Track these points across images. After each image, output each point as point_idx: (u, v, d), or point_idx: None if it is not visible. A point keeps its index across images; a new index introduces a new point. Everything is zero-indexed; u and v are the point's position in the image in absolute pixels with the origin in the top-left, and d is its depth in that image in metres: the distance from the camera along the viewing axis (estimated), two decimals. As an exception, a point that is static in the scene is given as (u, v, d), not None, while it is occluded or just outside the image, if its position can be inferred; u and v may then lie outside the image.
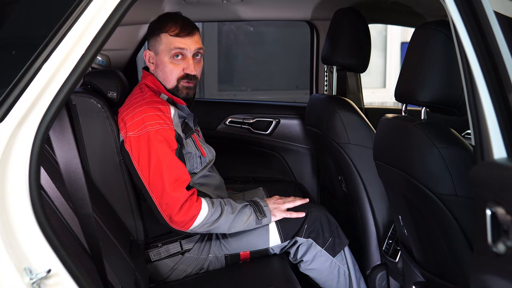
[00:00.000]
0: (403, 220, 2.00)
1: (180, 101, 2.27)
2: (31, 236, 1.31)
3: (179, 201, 2.10)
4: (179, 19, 2.25)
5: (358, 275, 2.35)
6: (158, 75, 2.28)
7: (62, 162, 1.46)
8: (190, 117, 2.35)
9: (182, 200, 2.11)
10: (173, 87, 2.26)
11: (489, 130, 1.38)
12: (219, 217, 2.15)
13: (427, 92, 1.72)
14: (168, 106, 2.22)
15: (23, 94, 1.33)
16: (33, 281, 1.28)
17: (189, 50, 2.23)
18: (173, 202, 2.10)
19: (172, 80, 2.25)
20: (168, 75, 2.25)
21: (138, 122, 2.14)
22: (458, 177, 1.61)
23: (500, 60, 1.41)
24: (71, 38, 1.36)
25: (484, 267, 1.32)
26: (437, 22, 1.75)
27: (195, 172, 2.30)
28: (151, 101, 2.21)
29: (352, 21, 2.62)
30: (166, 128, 2.15)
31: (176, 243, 2.27)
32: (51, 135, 1.45)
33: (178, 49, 2.21)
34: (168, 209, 2.11)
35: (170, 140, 2.15)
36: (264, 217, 2.22)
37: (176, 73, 2.24)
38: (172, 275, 2.27)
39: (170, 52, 2.22)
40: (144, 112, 2.16)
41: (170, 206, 2.11)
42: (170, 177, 2.11)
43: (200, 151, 2.31)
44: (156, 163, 2.11)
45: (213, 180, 2.38)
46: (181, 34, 2.21)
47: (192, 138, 2.31)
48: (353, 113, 2.47)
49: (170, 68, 2.23)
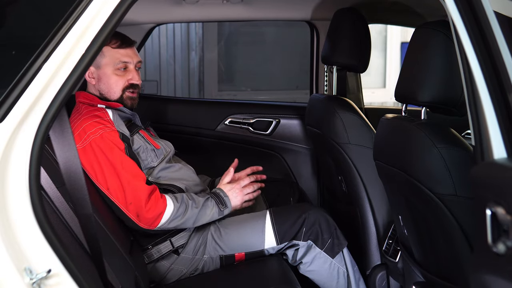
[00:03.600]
0: (403, 220, 1.99)
1: (117, 105, 2.31)
2: (31, 236, 1.32)
3: (142, 197, 2.12)
4: (116, 32, 2.30)
5: (357, 276, 2.35)
6: (101, 89, 2.31)
7: (62, 162, 1.46)
8: (135, 116, 2.38)
9: (144, 195, 2.12)
10: (117, 98, 2.31)
11: (489, 130, 1.37)
12: (185, 212, 2.17)
13: (427, 92, 1.72)
14: (105, 111, 2.25)
15: (23, 94, 1.33)
16: (33, 281, 1.28)
17: (132, 62, 2.32)
18: (137, 199, 2.12)
19: (117, 91, 2.31)
20: (113, 87, 2.30)
21: (80, 134, 2.16)
22: (458, 177, 1.61)
23: (500, 60, 1.41)
24: (71, 38, 1.36)
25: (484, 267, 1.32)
26: (437, 22, 1.75)
27: (154, 166, 2.31)
28: (86, 112, 2.24)
29: (352, 21, 2.62)
30: (108, 131, 2.17)
31: (166, 242, 2.26)
32: (51, 135, 1.45)
33: (123, 63, 2.30)
34: (134, 208, 2.13)
35: (116, 141, 2.17)
36: (226, 208, 2.27)
37: (121, 83, 2.30)
38: (169, 276, 2.27)
39: (116, 65, 2.29)
40: (83, 123, 2.18)
41: (134, 204, 2.12)
42: (126, 176, 2.13)
43: (152, 144, 2.33)
44: (109, 166, 2.13)
45: (176, 170, 2.38)
46: (123, 46, 2.30)
47: (140, 134, 2.33)
48: (353, 113, 2.47)
49: (115, 80, 2.29)
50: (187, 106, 3.45)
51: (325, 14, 3.06)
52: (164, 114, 3.27)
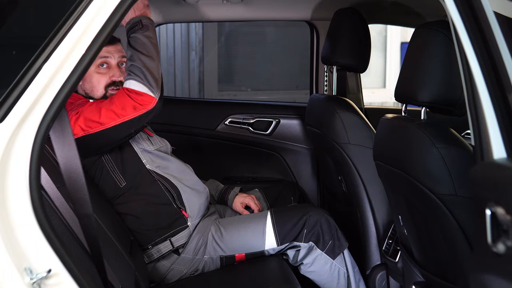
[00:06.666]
0: (403, 220, 2.00)
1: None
2: (31, 236, 1.31)
3: (122, 99, 2.08)
4: None
5: (358, 277, 2.35)
6: (86, 88, 2.29)
7: (63, 162, 1.46)
8: None
9: (122, 98, 2.08)
10: (101, 96, 2.29)
11: (489, 130, 1.38)
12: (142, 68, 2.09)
13: (427, 92, 1.72)
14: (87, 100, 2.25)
15: (24, 94, 1.32)
16: (33, 281, 1.28)
17: (113, 58, 2.29)
18: (122, 103, 2.07)
19: (100, 89, 2.28)
20: (95, 85, 2.28)
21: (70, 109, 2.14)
22: (458, 177, 1.61)
23: (499, 60, 1.41)
24: (71, 38, 1.36)
25: (484, 267, 1.32)
26: (437, 22, 1.75)
27: (150, 151, 2.30)
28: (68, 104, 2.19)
29: (352, 21, 2.62)
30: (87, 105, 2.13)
31: (166, 241, 2.26)
32: (51, 135, 1.45)
33: (103, 58, 2.27)
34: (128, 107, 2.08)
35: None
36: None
37: (104, 81, 2.28)
38: (169, 276, 2.27)
39: (95, 62, 2.24)
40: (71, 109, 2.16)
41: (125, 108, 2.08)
42: (107, 105, 2.09)
43: (147, 133, 2.33)
44: (92, 111, 2.09)
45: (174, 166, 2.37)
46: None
47: None
48: (353, 113, 2.47)
49: (96, 78, 2.27)
50: (187, 106, 3.45)
51: (325, 14, 3.06)
52: (164, 114, 3.25)
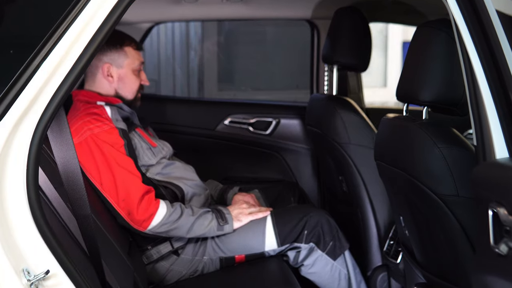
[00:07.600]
0: (405, 221, 1.99)
1: (116, 100, 2.32)
2: (29, 237, 1.31)
3: (135, 195, 2.11)
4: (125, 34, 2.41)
5: (359, 278, 2.34)
6: (120, 87, 2.34)
7: (60, 163, 1.45)
8: (134, 115, 2.39)
9: (138, 193, 2.11)
10: (133, 98, 2.38)
11: (491, 130, 1.37)
12: (179, 218, 2.15)
13: (429, 92, 1.71)
14: (103, 108, 2.24)
15: (21, 93, 1.32)
16: (31, 282, 1.28)
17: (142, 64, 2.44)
18: (129, 197, 2.11)
19: (134, 92, 2.39)
20: (132, 87, 2.37)
21: (77, 129, 2.15)
22: (460, 178, 1.60)
23: (502, 59, 1.40)
24: (69, 37, 1.35)
25: (486, 268, 1.31)
26: (438, 21, 1.74)
27: (152, 164, 2.30)
28: (84, 109, 2.23)
29: (353, 20, 2.61)
30: (107, 129, 2.17)
31: (166, 242, 2.25)
32: (49, 135, 1.45)
33: (141, 64, 2.40)
34: (126, 206, 2.11)
35: (114, 138, 2.17)
36: (226, 224, 2.23)
37: (137, 84, 2.39)
38: (168, 277, 2.25)
39: (136, 66, 2.37)
40: (80, 119, 2.18)
41: (126, 201, 2.11)
42: (120, 172, 2.12)
43: (149, 143, 2.33)
44: (103, 162, 2.13)
45: (175, 168, 2.37)
46: (139, 48, 2.40)
47: (137, 132, 2.32)
48: (354, 113, 2.46)
49: (134, 80, 2.37)
50: (187, 106, 3.45)
51: (325, 13, 3.06)
52: (164, 114, 3.27)
